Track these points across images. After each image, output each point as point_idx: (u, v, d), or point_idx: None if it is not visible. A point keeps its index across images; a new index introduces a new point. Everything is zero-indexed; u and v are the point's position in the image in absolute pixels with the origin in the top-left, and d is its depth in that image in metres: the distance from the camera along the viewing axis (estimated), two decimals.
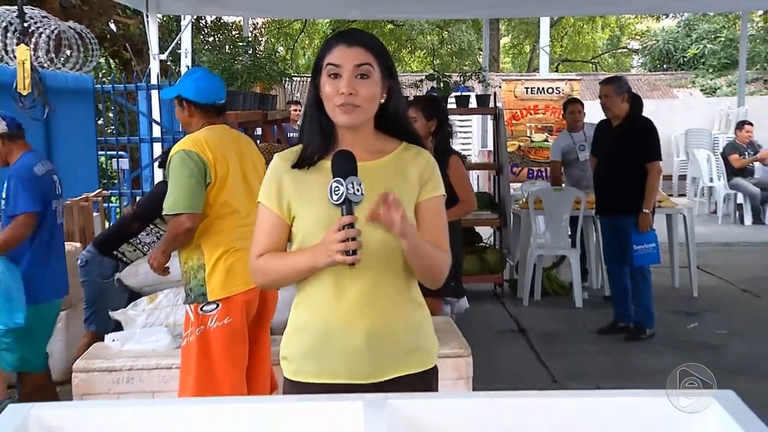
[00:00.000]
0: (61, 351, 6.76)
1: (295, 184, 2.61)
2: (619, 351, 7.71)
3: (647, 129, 7.71)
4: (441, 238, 2.67)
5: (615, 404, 1.82)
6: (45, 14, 10.02)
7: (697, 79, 28.36)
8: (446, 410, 1.81)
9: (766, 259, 11.96)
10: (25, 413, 1.76)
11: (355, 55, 2.50)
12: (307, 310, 2.65)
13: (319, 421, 1.76)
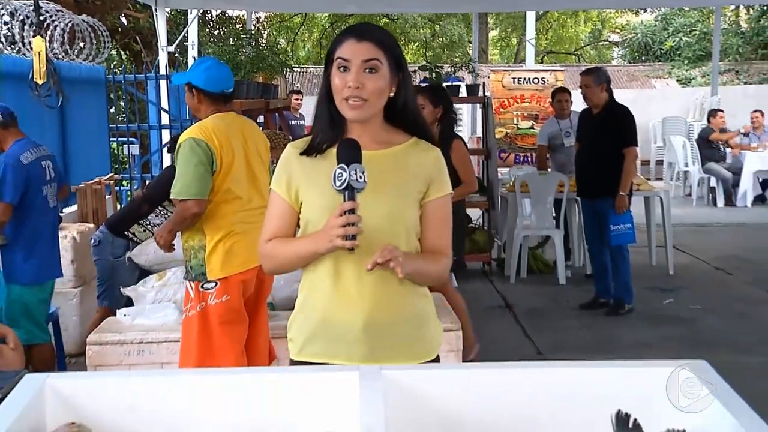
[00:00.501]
0: (76, 326, 6.77)
1: (304, 171, 2.55)
2: (599, 325, 7.72)
3: (624, 116, 7.73)
4: (445, 240, 2.62)
5: (595, 375, 1.81)
6: (60, 8, 9.99)
7: (674, 70, 28.35)
8: (438, 380, 1.81)
9: (737, 239, 11.99)
10: (41, 383, 1.76)
11: (363, 50, 2.43)
12: (310, 295, 2.59)
13: (316, 391, 1.76)
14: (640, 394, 1.76)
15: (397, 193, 2.51)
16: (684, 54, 28.90)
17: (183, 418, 1.74)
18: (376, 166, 2.41)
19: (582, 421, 1.73)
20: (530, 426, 1.69)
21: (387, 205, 2.49)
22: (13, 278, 5.43)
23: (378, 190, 2.42)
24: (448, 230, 2.64)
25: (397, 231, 2.50)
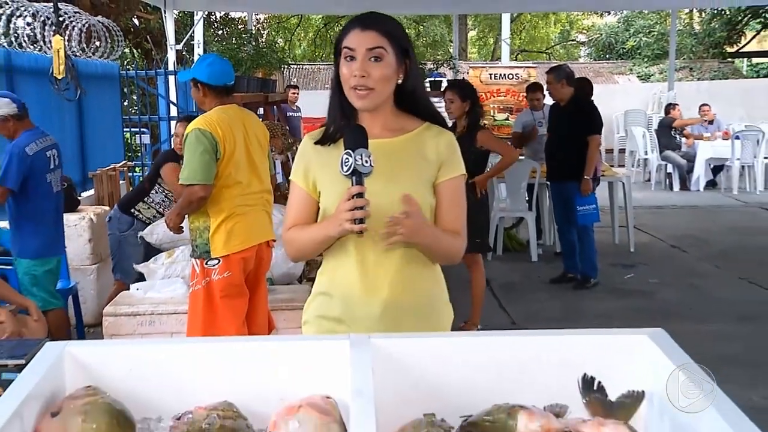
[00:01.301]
0: (93, 298, 6.79)
1: (319, 160, 2.44)
2: (567, 297, 7.77)
3: (588, 108, 7.80)
4: (458, 220, 2.49)
5: (564, 342, 1.81)
6: (77, 10, 9.99)
7: (634, 67, 28.40)
8: (422, 347, 1.80)
9: (691, 220, 12.06)
10: (60, 350, 1.74)
11: (368, 39, 2.30)
12: (330, 278, 2.49)
13: (311, 358, 1.75)
14: (604, 359, 1.76)
15: (412, 180, 2.40)
16: (644, 53, 29.00)
17: (189, 382, 1.74)
18: (390, 154, 2.33)
19: (552, 384, 1.73)
20: (505, 388, 1.69)
21: (401, 191, 2.34)
22: (21, 254, 5.53)
23: (393, 178, 2.33)
24: (461, 210, 2.52)
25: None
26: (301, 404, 1.60)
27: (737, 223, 11.78)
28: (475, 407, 1.66)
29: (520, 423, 1.55)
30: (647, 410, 1.70)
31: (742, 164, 14.76)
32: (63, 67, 6.68)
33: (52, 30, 7.13)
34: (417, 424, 1.67)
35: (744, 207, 13.40)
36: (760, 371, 5.66)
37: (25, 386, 1.58)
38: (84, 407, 1.58)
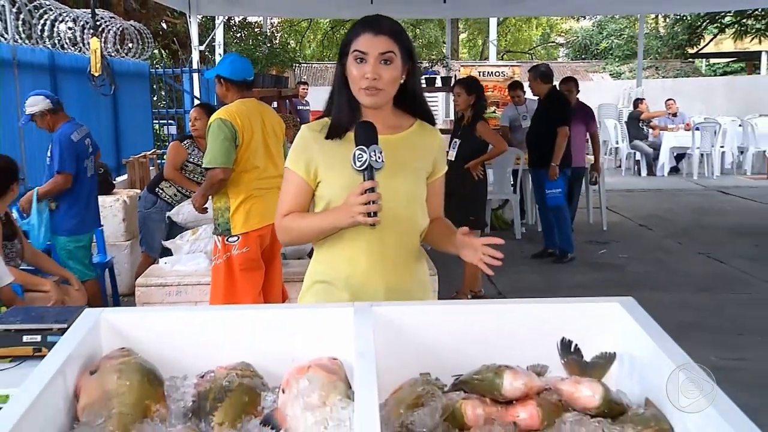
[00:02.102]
0: (127, 271, 6.81)
1: (324, 152, 2.29)
2: (547, 271, 7.77)
3: (558, 102, 7.81)
4: (442, 207, 2.47)
5: (545, 310, 1.81)
6: (112, 15, 10.05)
7: (607, 66, 28.40)
8: (418, 315, 1.80)
9: (656, 202, 12.09)
10: (98, 316, 1.75)
11: (380, 44, 2.19)
12: (329, 266, 2.34)
13: (319, 324, 1.75)
14: (580, 325, 1.76)
15: (411, 174, 2.32)
16: (615, 53, 29.02)
17: (211, 345, 1.74)
18: (390, 150, 2.18)
19: (534, 347, 1.73)
20: (492, 350, 1.69)
21: (404, 186, 2.28)
22: (58, 231, 5.58)
23: (394, 173, 2.22)
24: (442, 200, 2.49)
25: (413, 208, 2.32)
26: (311, 365, 1.60)
27: (697, 205, 11.79)
28: (465, 367, 1.66)
29: (505, 381, 1.55)
30: (618, 369, 1.71)
31: (702, 152, 14.81)
32: (99, 66, 6.70)
33: (90, 33, 7.14)
34: (414, 382, 1.67)
35: (703, 190, 13.40)
36: (717, 335, 5.67)
37: (67, 347, 1.59)
38: (119, 366, 1.58)
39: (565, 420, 1.50)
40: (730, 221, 10.39)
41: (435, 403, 1.56)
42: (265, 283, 4.59)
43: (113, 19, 9.95)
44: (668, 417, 1.47)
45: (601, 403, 1.52)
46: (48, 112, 5.56)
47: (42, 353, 2.60)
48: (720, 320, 6.11)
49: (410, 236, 2.34)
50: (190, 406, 1.60)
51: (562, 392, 1.57)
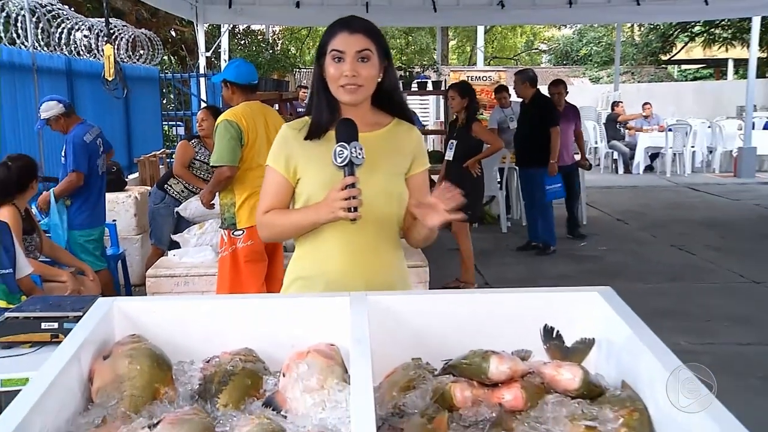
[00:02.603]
0: (138, 263, 6.81)
1: (303, 150, 2.19)
2: (531, 262, 7.78)
3: (546, 104, 7.81)
4: None
5: (529, 298, 1.81)
6: (125, 24, 10.08)
7: (586, 71, 28.40)
8: (410, 304, 1.80)
9: (632, 198, 12.12)
10: (110, 305, 1.74)
11: (356, 42, 2.09)
12: (310, 262, 2.23)
13: (317, 311, 1.75)
14: (561, 312, 1.76)
15: (389, 171, 2.20)
16: (594, 59, 29.06)
17: (217, 332, 1.74)
18: (368, 147, 2.08)
19: (518, 333, 1.73)
20: (479, 337, 1.68)
21: (382, 182, 2.17)
22: (71, 225, 5.60)
23: (373, 169, 2.12)
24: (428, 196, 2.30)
25: (390, 204, 2.21)
26: (309, 350, 1.60)
27: (669, 200, 11.83)
28: (454, 352, 1.65)
29: (492, 365, 1.55)
30: (597, 354, 1.71)
31: (674, 152, 14.91)
32: (113, 71, 6.70)
33: (104, 40, 7.15)
34: (406, 366, 1.67)
35: (675, 187, 13.44)
36: (687, 321, 5.69)
37: (82, 334, 1.59)
38: (130, 352, 1.58)
39: (548, 401, 1.50)
40: (699, 216, 10.42)
41: (426, 386, 1.57)
42: (268, 274, 4.58)
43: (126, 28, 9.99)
44: (643, 398, 1.48)
45: (580, 386, 1.52)
46: (61, 116, 5.58)
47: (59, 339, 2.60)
48: (690, 307, 6.13)
49: (389, 231, 2.24)
50: (196, 388, 1.60)
51: (544, 375, 1.57)
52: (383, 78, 2.19)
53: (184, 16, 10.77)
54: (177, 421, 1.35)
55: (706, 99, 20.35)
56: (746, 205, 11.40)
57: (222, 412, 1.50)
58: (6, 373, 2.50)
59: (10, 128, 6.60)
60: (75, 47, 8.48)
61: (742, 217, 10.37)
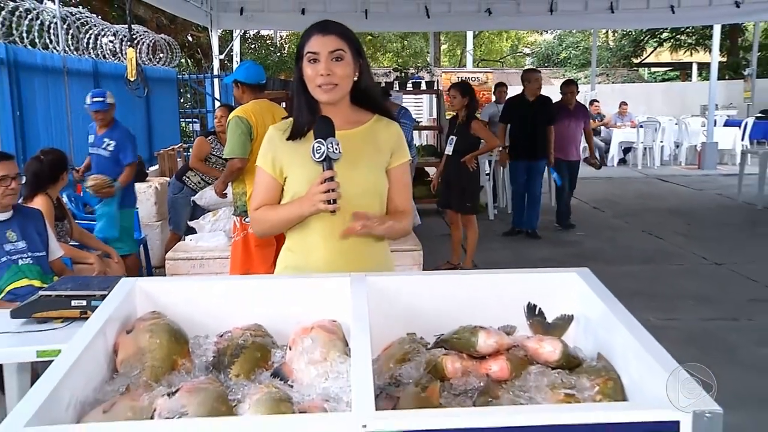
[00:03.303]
0: (159, 247, 6.81)
1: (287, 150, 2.12)
2: (516, 247, 7.78)
3: (549, 104, 7.78)
4: (407, 199, 2.22)
5: (514, 279, 1.81)
6: (146, 30, 10.07)
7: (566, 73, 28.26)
8: (405, 284, 1.80)
9: (607, 188, 12.11)
10: (133, 284, 1.74)
11: (329, 42, 2.02)
12: (297, 253, 2.17)
13: (321, 291, 1.75)
14: (543, 291, 1.75)
15: (370, 165, 2.13)
16: (572, 62, 29.01)
17: (229, 309, 1.73)
18: (350, 144, 2.04)
19: (504, 310, 1.72)
20: (469, 313, 1.68)
21: (363, 177, 2.10)
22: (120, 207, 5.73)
23: (354, 164, 2.06)
24: (408, 191, 2.23)
25: (372, 197, 2.13)
26: (313, 326, 1.59)
27: (641, 191, 11.83)
28: (445, 328, 1.65)
29: (480, 339, 1.54)
30: (575, 329, 1.71)
31: (645, 146, 14.93)
32: (135, 72, 6.68)
33: (127, 45, 7.14)
34: (402, 341, 1.67)
35: (645, 178, 13.44)
36: (656, 300, 5.70)
37: (107, 310, 1.59)
38: (151, 327, 1.58)
39: (530, 372, 1.50)
40: (667, 204, 10.43)
41: (420, 359, 1.57)
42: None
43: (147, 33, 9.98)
44: (616, 368, 1.48)
45: (560, 357, 1.53)
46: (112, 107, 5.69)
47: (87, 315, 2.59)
48: (659, 287, 6.13)
49: None
50: (211, 360, 1.60)
51: (527, 348, 1.57)
52: (359, 77, 2.12)
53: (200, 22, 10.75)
54: (193, 389, 1.35)
55: (673, 99, 20.33)
56: (709, 194, 11.41)
57: (234, 382, 1.50)
58: (41, 345, 2.51)
59: (44, 125, 6.63)
60: (101, 51, 8.53)
61: (705, 206, 10.37)
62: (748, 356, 4.57)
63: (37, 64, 6.58)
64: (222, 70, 11.52)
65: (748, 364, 4.42)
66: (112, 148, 5.59)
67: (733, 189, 10.95)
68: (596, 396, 1.41)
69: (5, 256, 3.53)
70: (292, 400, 1.38)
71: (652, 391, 1.31)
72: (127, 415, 1.31)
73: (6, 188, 3.51)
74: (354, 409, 1.19)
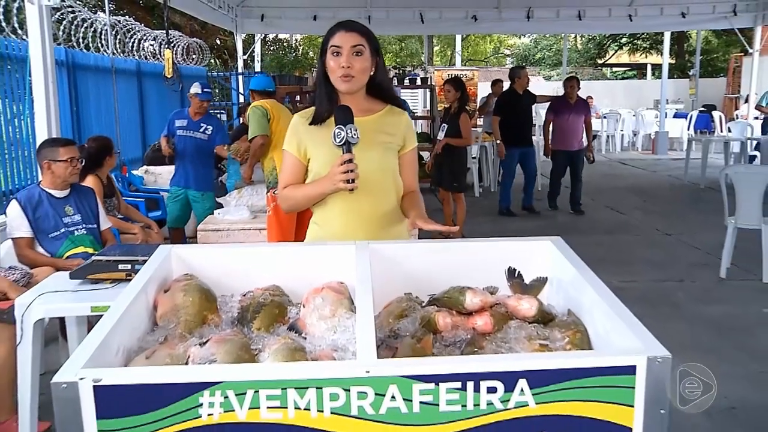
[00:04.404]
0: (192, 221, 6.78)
1: (310, 135, 2.07)
2: (498, 220, 7.78)
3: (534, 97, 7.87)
4: (415, 179, 2.17)
5: (497, 246, 1.80)
6: (181, 34, 10.14)
7: (541, 71, 28.24)
8: (403, 250, 1.79)
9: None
10: (169, 251, 1.73)
11: (351, 38, 1.98)
12: (321, 227, 2.13)
13: (330, 256, 1.73)
14: (522, 257, 1.74)
15: (383, 149, 2.08)
16: (546, 62, 28.93)
17: (251, 272, 1.72)
18: (365, 129, 1.99)
19: (488, 273, 1.71)
20: (458, 276, 1.67)
21: (377, 159, 2.06)
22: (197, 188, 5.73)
23: (369, 148, 2.02)
24: (416, 172, 2.19)
25: (386, 178, 2.09)
26: (324, 287, 1.58)
27: (605, 172, 11.76)
28: (438, 288, 1.64)
29: (467, 298, 1.53)
30: (549, 289, 1.69)
31: (608, 134, 14.90)
32: (171, 70, 6.66)
33: (164, 47, 7.13)
34: (400, 299, 1.66)
35: (608, 162, 13.37)
36: (618, 264, 5.70)
37: (148, 273, 1.59)
38: (184, 287, 1.57)
39: (510, 326, 1.50)
40: (627, 184, 10.40)
41: (415, 315, 1.56)
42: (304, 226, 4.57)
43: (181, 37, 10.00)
44: (584, 322, 1.48)
45: (536, 313, 1.52)
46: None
47: (131, 277, 2.59)
48: (620, 254, 6.13)
49: (384, 199, 2.09)
50: (236, 316, 1.59)
51: (508, 306, 1.56)
52: (375, 72, 2.07)
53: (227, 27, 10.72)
54: (221, 340, 1.35)
55: (631, 94, 20.29)
56: (661, 176, 11.38)
57: (256, 334, 1.49)
58: (94, 302, 2.53)
59: (95, 116, 6.75)
60: (143, 53, 8.58)
61: (658, 185, 10.36)
62: (691, 311, 4.59)
63: (90, 65, 6.69)
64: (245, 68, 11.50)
65: (691, 318, 4.45)
66: (210, 131, 5.59)
67: (681, 171, 10.97)
68: (566, 346, 1.40)
69: (64, 228, 3.55)
70: (305, 350, 1.38)
71: (614, 341, 1.32)
72: (166, 361, 1.32)
73: (73, 168, 3.57)
74: (358, 357, 1.19)
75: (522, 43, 32.68)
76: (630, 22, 11.02)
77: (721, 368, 3.62)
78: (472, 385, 1.14)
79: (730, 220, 5.28)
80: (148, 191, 6.39)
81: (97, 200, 3.84)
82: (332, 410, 1.13)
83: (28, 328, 2.44)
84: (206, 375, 1.14)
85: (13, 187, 5.05)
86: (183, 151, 5.61)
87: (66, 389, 1.10)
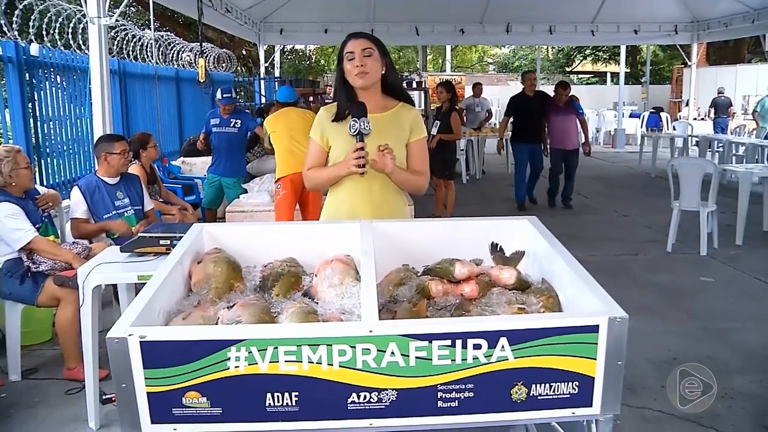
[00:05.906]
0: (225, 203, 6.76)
1: (332, 128, 2.05)
2: (483, 203, 7.73)
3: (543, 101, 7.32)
4: (423, 166, 2.09)
5: (482, 224, 1.78)
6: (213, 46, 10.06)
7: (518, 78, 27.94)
8: (402, 228, 1.77)
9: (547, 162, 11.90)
10: (200, 228, 1.72)
11: (361, 43, 1.99)
12: (335, 205, 2.10)
13: (338, 233, 1.72)
14: (503, 233, 1.73)
15: (392, 139, 2.02)
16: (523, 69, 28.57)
17: (270, 246, 1.71)
18: (380, 122, 1.99)
19: (474, 247, 1.70)
20: (449, 250, 1.66)
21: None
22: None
23: (381, 138, 1.97)
24: (425, 159, 2.11)
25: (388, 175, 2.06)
26: (333, 259, 1.57)
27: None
28: (431, 260, 1.62)
29: (456, 268, 1.52)
30: (526, 261, 1.68)
31: None
32: (204, 76, 6.63)
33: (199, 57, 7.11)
34: (399, 270, 1.64)
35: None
36: (584, 240, 5.67)
37: (183, 247, 1.58)
38: (214, 259, 1.56)
39: (493, 292, 1.49)
40: (591, 173, 10.32)
41: (412, 283, 1.55)
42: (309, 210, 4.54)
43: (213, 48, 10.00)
44: (556, 289, 1.46)
45: (515, 282, 1.51)
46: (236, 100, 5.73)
47: (170, 251, 2.57)
48: (586, 232, 6.11)
49: (390, 182, 2.06)
50: (258, 284, 1.58)
51: (491, 275, 1.55)
52: (386, 72, 2.05)
53: (251, 39, 10.67)
54: (246, 304, 1.35)
55: (594, 97, 20.18)
56: (619, 166, 11.34)
57: (275, 299, 1.48)
58: (140, 271, 2.54)
59: (141, 117, 6.74)
60: (181, 62, 8.61)
61: (616, 174, 10.31)
62: (644, 280, 4.59)
63: (137, 73, 6.75)
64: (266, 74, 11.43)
65: (643, 285, 4.46)
66: (239, 125, 5.56)
67: (635, 162, 10.97)
68: (541, 309, 1.39)
69: (114, 210, 3.58)
70: (317, 313, 1.37)
71: (581, 305, 1.31)
72: (199, 322, 1.32)
73: (126, 159, 3.64)
74: (363, 319, 1.19)
75: (502, 53, 32.42)
76: (593, 36, 11.67)
77: (666, 326, 3.66)
78: (460, 343, 1.15)
79: (675, 203, 5.34)
80: (184, 179, 6.37)
81: (142, 186, 3.85)
82: (340, 364, 1.14)
83: (88, 293, 2.47)
84: (233, 333, 1.14)
85: (75, 176, 5.09)
86: (218, 145, 5.60)
87: (118, 343, 1.13)
